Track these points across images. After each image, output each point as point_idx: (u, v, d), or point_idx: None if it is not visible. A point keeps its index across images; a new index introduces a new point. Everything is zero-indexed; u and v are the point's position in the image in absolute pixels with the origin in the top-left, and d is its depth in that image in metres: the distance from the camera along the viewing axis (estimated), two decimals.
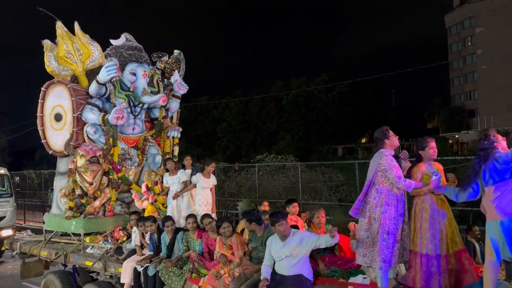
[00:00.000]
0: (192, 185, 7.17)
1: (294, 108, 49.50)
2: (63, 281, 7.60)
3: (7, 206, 13.93)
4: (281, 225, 4.71)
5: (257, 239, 5.30)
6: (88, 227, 7.65)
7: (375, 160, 4.57)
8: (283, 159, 19.78)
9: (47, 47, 8.00)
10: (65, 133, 8.07)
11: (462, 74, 55.86)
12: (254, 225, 5.26)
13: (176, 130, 8.89)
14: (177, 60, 9.40)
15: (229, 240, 5.45)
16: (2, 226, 13.52)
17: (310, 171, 17.77)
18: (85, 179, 7.72)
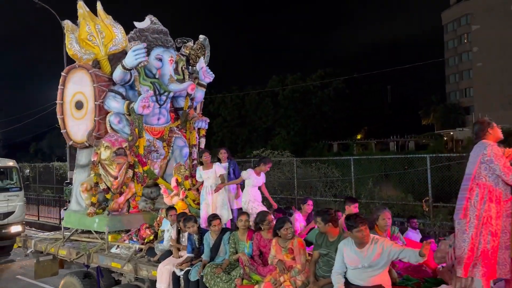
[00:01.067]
0: (239, 180, 6.63)
1: (290, 103, 49.06)
2: (85, 284, 6.96)
3: (16, 200, 12.99)
4: (360, 231, 4.13)
5: (329, 244, 4.62)
6: (112, 224, 7.02)
7: (477, 151, 4.01)
8: (279, 155, 19.56)
9: (68, 28, 7.34)
10: (86, 123, 7.43)
11: (458, 72, 55.83)
12: (330, 227, 4.63)
13: (203, 121, 8.28)
14: (202, 46, 8.78)
15: (289, 243, 4.83)
16: (11, 222, 12.64)
17: (305, 166, 17.77)
18: (110, 173, 7.09)
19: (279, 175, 17.18)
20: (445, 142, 47.43)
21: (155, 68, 7.66)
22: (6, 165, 13.48)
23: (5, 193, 12.73)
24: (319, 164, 17.76)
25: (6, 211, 12.57)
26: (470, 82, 53.94)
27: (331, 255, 4.56)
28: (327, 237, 4.69)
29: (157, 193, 7.98)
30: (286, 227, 4.84)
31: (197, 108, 8.83)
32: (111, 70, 7.57)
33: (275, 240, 4.96)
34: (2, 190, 12.77)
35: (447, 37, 57.55)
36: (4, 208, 12.52)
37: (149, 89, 7.58)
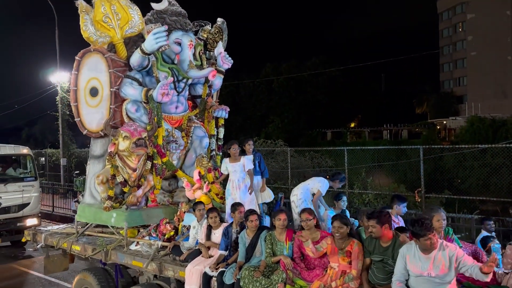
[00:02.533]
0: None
1: (285, 91, 48.69)
2: (102, 282, 6.52)
3: (32, 191, 11.88)
4: (428, 239, 3.75)
5: (383, 250, 4.25)
6: (131, 219, 6.59)
7: None
8: (273, 144, 19.34)
9: (82, 8, 6.78)
10: (101, 111, 6.93)
11: (452, 60, 55.76)
12: (386, 230, 4.23)
13: (223, 110, 7.82)
14: (220, 29, 8.27)
15: (348, 245, 4.45)
16: (27, 214, 11.60)
17: (299, 155, 17.51)
18: (128, 164, 6.64)
19: (273, 164, 16.97)
20: (438, 131, 47.63)
21: (174, 53, 7.17)
22: (19, 152, 12.42)
23: (20, 183, 11.72)
24: (313, 153, 17.63)
25: (21, 202, 11.60)
26: (464, 71, 53.96)
27: (386, 261, 4.21)
28: (379, 242, 4.31)
29: (175, 185, 7.58)
30: (336, 225, 4.47)
31: (213, 96, 8.38)
32: (127, 55, 7.07)
33: (331, 238, 4.58)
34: (16, 180, 11.77)
35: (442, 26, 57.35)
36: (18, 199, 11.54)
37: (167, 75, 7.10)
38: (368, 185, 13.59)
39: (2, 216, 11.11)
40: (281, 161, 17.06)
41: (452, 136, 43.86)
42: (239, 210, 5.49)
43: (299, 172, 16.49)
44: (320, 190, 6.16)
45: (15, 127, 44.14)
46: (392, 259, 4.15)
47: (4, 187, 11.30)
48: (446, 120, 48.49)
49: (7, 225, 10.93)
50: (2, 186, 11.28)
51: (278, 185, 15.64)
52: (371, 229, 4.27)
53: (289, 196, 6.58)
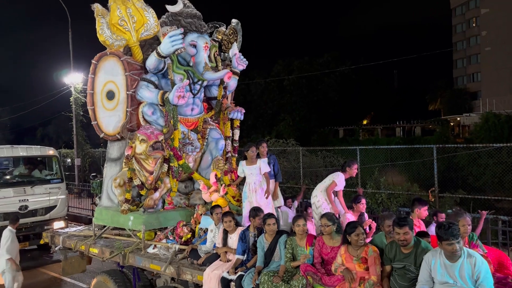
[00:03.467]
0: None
1: (296, 89, 48.44)
2: (120, 285, 6.55)
3: (58, 194, 11.55)
4: (450, 244, 3.68)
5: (404, 257, 4.17)
6: (149, 222, 6.60)
7: None
8: (284, 143, 19.27)
9: (98, 12, 6.79)
10: (118, 114, 6.96)
11: (465, 56, 54.92)
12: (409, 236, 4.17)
13: (238, 112, 7.79)
14: (235, 31, 8.27)
15: (362, 252, 4.41)
16: (54, 217, 11.25)
17: (311, 155, 17.54)
18: (145, 167, 6.65)
19: (285, 163, 16.91)
20: (451, 128, 47.06)
21: (189, 56, 7.17)
22: (45, 153, 12.10)
23: (46, 185, 11.44)
24: (325, 152, 17.54)
25: (47, 205, 11.29)
26: (478, 67, 53.13)
27: (408, 268, 4.14)
28: (399, 248, 4.23)
29: (192, 188, 7.58)
30: (358, 232, 4.41)
31: (228, 97, 8.35)
32: (143, 58, 7.07)
33: (344, 248, 4.52)
34: (42, 182, 11.48)
35: (455, 21, 56.53)
36: (45, 202, 11.21)
37: (183, 78, 7.09)
38: (381, 184, 13.48)
39: (29, 219, 10.88)
40: (293, 160, 17.02)
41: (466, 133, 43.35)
42: (259, 216, 5.44)
43: (311, 171, 16.44)
44: (334, 181, 6.14)
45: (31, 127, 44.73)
46: (414, 265, 4.07)
47: (31, 189, 11.12)
48: (460, 117, 47.90)
49: (34, 228, 10.57)
50: (29, 188, 11.11)
51: (290, 184, 15.61)
52: (403, 236, 4.12)
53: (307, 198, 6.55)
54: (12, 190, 10.82)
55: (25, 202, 10.82)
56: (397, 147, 17.12)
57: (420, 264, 3.99)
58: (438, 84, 54.63)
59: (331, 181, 6.21)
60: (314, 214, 6.07)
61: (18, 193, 10.83)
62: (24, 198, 10.85)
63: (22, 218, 10.40)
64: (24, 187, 11.05)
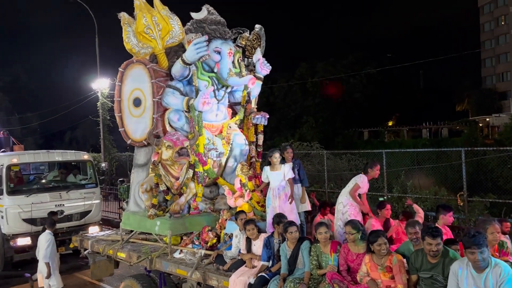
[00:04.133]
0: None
1: (319, 91, 48.17)
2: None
3: (93, 198, 11.43)
4: (472, 253, 3.58)
5: (432, 267, 4.08)
6: (175, 228, 6.68)
7: None
8: (308, 146, 19.14)
9: (125, 20, 6.94)
10: (145, 121, 7.08)
11: (494, 55, 53.66)
12: (441, 246, 4.06)
13: (262, 117, 7.81)
14: (258, 36, 8.29)
15: (386, 260, 4.36)
16: (89, 222, 11.15)
17: (335, 158, 17.41)
18: (171, 173, 6.76)
19: (309, 167, 16.81)
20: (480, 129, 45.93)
21: (214, 62, 7.24)
22: (80, 158, 12.05)
23: (81, 190, 11.37)
24: (350, 156, 17.37)
25: (82, 210, 11.21)
26: (508, 66, 51.79)
27: (436, 277, 4.05)
28: (426, 257, 4.14)
29: (217, 193, 7.64)
30: (380, 242, 4.35)
31: (252, 102, 8.39)
32: (169, 65, 7.18)
33: (368, 256, 4.48)
34: (77, 187, 11.45)
35: (483, 19, 55.29)
36: (80, 207, 11.13)
37: (207, 84, 7.18)
38: (408, 188, 13.25)
39: (65, 224, 10.82)
40: (317, 164, 16.90)
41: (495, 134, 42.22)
42: (283, 223, 5.44)
43: (336, 175, 16.31)
44: (357, 183, 6.10)
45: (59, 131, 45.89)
46: (442, 275, 3.99)
47: (67, 194, 11.09)
48: (489, 118, 46.75)
49: (70, 233, 10.36)
50: (64, 193, 11.08)
51: (314, 188, 15.52)
52: (436, 247, 4.03)
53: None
54: (48, 194, 10.86)
55: (61, 207, 10.84)
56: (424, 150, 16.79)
57: (448, 274, 3.91)
58: (466, 84, 53.46)
59: (354, 184, 6.17)
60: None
61: (54, 198, 10.86)
62: (60, 203, 10.87)
63: (57, 223, 10.32)
64: (60, 191, 11.07)
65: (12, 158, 11.01)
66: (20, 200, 10.40)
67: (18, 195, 10.52)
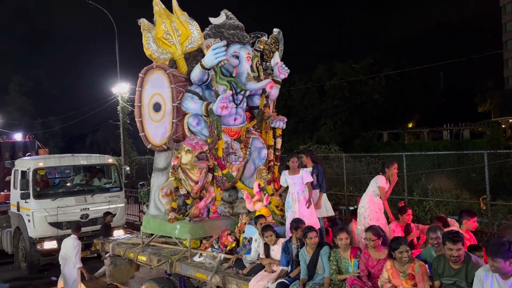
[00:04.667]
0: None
1: (338, 92, 47.84)
2: None
3: (118, 202, 11.42)
4: (492, 261, 3.52)
5: (455, 273, 4.02)
6: (195, 231, 6.74)
7: None
8: (327, 149, 18.99)
9: (144, 27, 7.04)
10: (164, 125, 7.17)
11: None
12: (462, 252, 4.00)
13: (281, 121, 7.81)
14: (276, 40, 8.30)
15: (408, 267, 4.30)
16: (114, 226, 10.95)
17: (354, 161, 17.18)
18: (190, 177, 6.80)
19: (328, 170, 16.64)
20: (503, 130, 44.95)
21: (232, 66, 7.28)
22: (105, 162, 12.10)
23: (106, 193, 11.38)
24: (369, 159, 17.12)
25: None
26: None
27: (459, 284, 3.98)
28: (448, 263, 4.07)
29: (235, 196, 7.67)
30: (402, 250, 4.29)
31: (270, 106, 8.40)
32: (188, 70, 7.25)
33: (390, 263, 4.43)
34: (102, 191, 11.45)
35: (505, 19, 54.21)
36: (105, 210, 10.96)
37: (226, 88, 7.21)
38: (429, 191, 13.05)
39: (90, 228, 10.80)
40: (336, 167, 16.76)
41: None
42: (301, 228, 5.42)
43: (355, 178, 16.16)
44: (380, 186, 6.03)
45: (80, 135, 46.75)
46: (466, 281, 3.93)
47: (92, 198, 11.09)
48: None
49: (95, 237, 10.12)
50: (89, 197, 11.10)
51: (333, 191, 15.43)
52: (457, 253, 3.96)
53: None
54: (74, 198, 10.90)
55: (86, 211, 10.87)
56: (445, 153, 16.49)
57: (472, 280, 3.84)
58: (488, 84, 52.40)
59: (376, 187, 6.11)
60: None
61: (79, 202, 10.88)
62: (85, 206, 10.88)
63: (83, 227, 10.35)
64: (85, 195, 11.10)
65: (38, 162, 11.11)
66: (46, 204, 10.49)
67: (44, 198, 10.61)
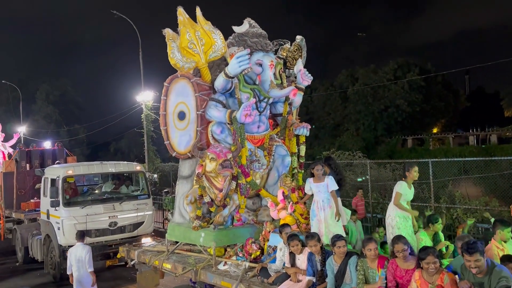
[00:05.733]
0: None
1: (360, 98, 47.38)
2: None
3: (145, 210, 11.35)
4: None
5: (478, 281, 3.92)
6: (219, 239, 6.75)
7: None
8: (351, 155, 18.75)
9: (169, 36, 7.13)
10: (189, 133, 7.23)
11: None
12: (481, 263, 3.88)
13: (304, 128, 7.77)
14: (299, 47, 8.30)
15: (437, 279, 4.18)
16: (141, 234, 10.97)
17: (379, 167, 16.96)
18: (215, 185, 6.85)
19: (352, 176, 16.48)
20: None
21: (255, 74, 7.30)
22: (133, 169, 12.10)
23: (134, 201, 11.29)
24: (394, 165, 16.87)
25: (135, 221, 11.13)
26: None
27: None
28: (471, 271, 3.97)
29: (259, 204, 7.65)
30: (429, 260, 4.18)
31: (293, 113, 8.37)
32: (211, 78, 7.31)
33: (418, 273, 4.33)
34: (130, 198, 11.37)
35: None
36: (133, 218, 11.06)
37: (249, 96, 7.23)
38: (456, 198, 12.77)
39: (118, 236, 10.83)
40: (360, 173, 16.59)
41: None
42: (310, 244, 5.33)
43: (379, 185, 15.93)
44: (397, 192, 5.95)
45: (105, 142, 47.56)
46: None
47: (120, 206, 11.05)
48: None
49: (123, 244, 9.96)
50: (117, 204, 11.05)
51: None
52: (474, 264, 3.87)
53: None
54: (102, 206, 10.88)
55: (114, 219, 10.85)
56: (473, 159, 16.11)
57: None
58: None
59: (394, 193, 6.01)
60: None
61: (107, 210, 10.86)
62: (113, 214, 10.86)
63: (111, 235, 10.64)
64: (113, 203, 11.07)
65: (67, 170, 11.16)
66: (75, 212, 10.51)
67: (73, 206, 10.64)
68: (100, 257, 10.69)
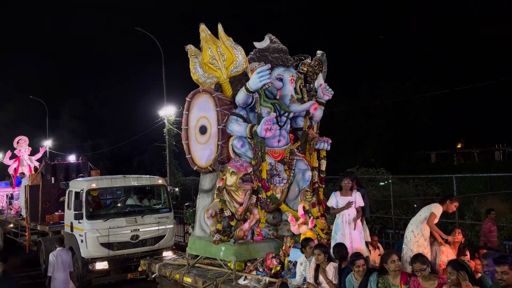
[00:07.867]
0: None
1: (383, 113, 47.00)
2: None
3: (167, 223, 11.36)
4: None
5: None
6: (239, 253, 6.75)
7: None
8: (374, 171, 18.55)
9: (192, 52, 7.29)
10: (210, 147, 7.31)
11: None
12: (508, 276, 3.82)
13: (325, 142, 7.76)
14: (320, 62, 8.37)
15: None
16: (162, 247, 11.00)
17: (401, 183, 16.74)
18: (235, 199, 6.88)
19: (374, 192, 16.29)
20: None
21: (276, 89, 7.36)
22: (155, 183, 12.19)
23: (156, 214, 11.34)
24: (417, 181, 16.68)
25: (157, 235, 11.13)
26: None
27: None
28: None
29: (279, 219, 7.63)
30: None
31: (314, 128, 8.38)
32: (233, 93, 7.40)
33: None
34: (152, 212, 11.43)
35: None
36: (155, 232, 11.06)
37: (270, 111, 7.28)
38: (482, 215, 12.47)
39: (140, 249, 10.83)
40: (382, 189, 16.41)
41: None
42: (316, 252, 5.46)
43: (402, 201, 15.69)
44: (433, 212, 5.85)
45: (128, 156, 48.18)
46: None
47: (142, 219, 11.06)
48: None
49: (144, 258, 9.84)
50: (139, 217, 11.08)
51: (380, 214, 15.03)
52: (501, 276, 3.85)
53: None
54: (125, 219, 10.94)
55: (136, 232, 10.87)
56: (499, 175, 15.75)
57: None
58: None
59: (430, 213, 5.91)
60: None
61: (129, 223, 10.90)
62: (135, 227, 10.89)
63: (133, 248, 10.71)
64: (135, 216, 11.13)
65: (91, 183, 11.33)
66: (98, 225, 10.61)
67: (97, 219, 10.74)
68: (122, 270, 10.77)
